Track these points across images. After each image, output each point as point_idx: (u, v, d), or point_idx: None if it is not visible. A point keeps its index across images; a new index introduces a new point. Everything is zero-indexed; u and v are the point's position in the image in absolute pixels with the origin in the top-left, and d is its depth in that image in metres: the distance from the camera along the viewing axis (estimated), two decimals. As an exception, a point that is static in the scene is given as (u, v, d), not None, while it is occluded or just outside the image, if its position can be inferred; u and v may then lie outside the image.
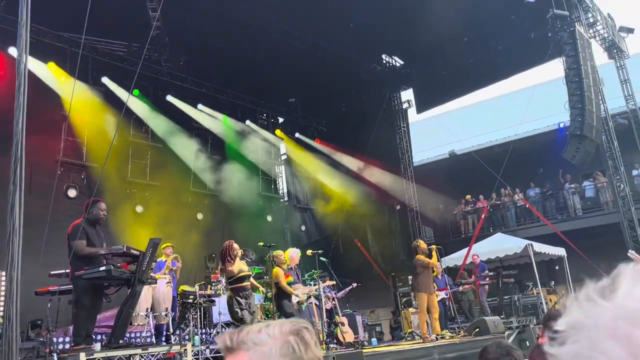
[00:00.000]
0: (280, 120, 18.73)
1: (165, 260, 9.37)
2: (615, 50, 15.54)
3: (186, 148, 14.76)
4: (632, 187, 15.09)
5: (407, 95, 18.48)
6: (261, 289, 8.01)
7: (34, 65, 10.94)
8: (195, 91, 15.06)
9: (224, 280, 8.39)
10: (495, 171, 15.26)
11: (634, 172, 15.67)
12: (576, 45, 12.86)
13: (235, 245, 7.19)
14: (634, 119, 15.14)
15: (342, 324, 9.95)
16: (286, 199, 18.80)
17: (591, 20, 14.68)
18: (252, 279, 7.29)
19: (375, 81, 17.40)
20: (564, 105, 13.25)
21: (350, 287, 11.74)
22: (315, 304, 9.77)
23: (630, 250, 6.44)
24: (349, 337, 9.87)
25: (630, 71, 15.45)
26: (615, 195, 14.28)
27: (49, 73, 11.72)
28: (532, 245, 12.90)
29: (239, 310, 6.84)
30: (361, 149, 16.62)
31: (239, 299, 6.82)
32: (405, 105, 18.24)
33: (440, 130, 18.23)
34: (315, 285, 9.37)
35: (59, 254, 8.16)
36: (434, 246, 9.43)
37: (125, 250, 6.01)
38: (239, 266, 7.01)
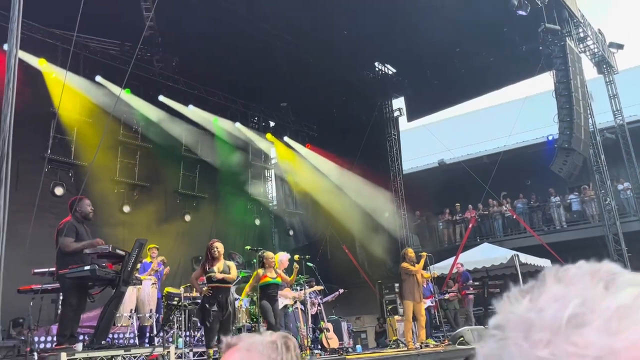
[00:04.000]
0: (272, 124, 18.72)
1: (151, 262, 9.31)
2: (604, 66, 15.75)
3: (175, 149, 14.70)
4: (618, 201, 15.27)
5: (399, 103, 18.58)
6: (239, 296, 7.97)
7: (24, 61, 10.83)
8: (186, 92, 15.01)
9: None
10: (483, 181, 15.37)
11: (620, 187, 15.85)
12: (566, 59, 13.03)
13: (215, 245, 7.15)
14: (621, 134, 15.33)
15: (327, 330, 9.95)
16: (275, 203, 18.77)
17: (582, 35, 14.88)
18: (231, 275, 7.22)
19: (367, 88, 17.47)
20: (553, 118, 13.40)
21: (337, 293, 11.74)
22: (301, 309, 9.75)
23: None
24: (334, 343, 9.86)
25: (619, 86, 15.66)
26: (601, 209, 14.43)
27: (40, 69, 11.62)
28: (518, 256, 12.98)
29: (200, 316, 6.90)
30: (351, 155, 16.66)
31: (207, 302, 6.79)
32: (396, 113, 18.32)
33: (430, 139, 18.34)
34: (301, 290, 9.36)
35: (43, 251, 8.09)
36: (424, 253, 9.45)
37: (110, 250, 5.96)
38: (218, 267, 6.99)
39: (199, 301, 8.88)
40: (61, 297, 6.03)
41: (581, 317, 0.40)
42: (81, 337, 7.59)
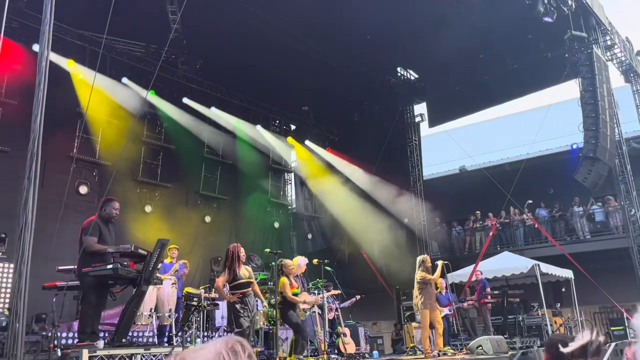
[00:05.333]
0: (293, 127, 18.80)
1: (171, 262, 9.41)
2: (632, 74, 15.47)
3: (198, 151, 14.87)
4: (643, 213, 14.93)
5: (420, 108, 18.49)
6: (261, 298, 7.94)
7: (54, 62, 11.08)
8: (209, 95, 15.17)
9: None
10: (505, 189, 15.18)
11: (646, 198, 15.50)
12: (593, 67, 12.82)
13: (242, 250, 7.11)
14: (648, 144, 15.03)
15: (344, 335, 9.93)
16: (294, 206, 18.82)
17: (609, 43, 14.64)
18: (255, 286, 7.21)
19: (388, 93, 17.44)
20: (578, 126, 13.19)
21: (354, 299, 11.72)
22: (318, 313, 9.75)
23: None
24: (351, 348, 9.83)
25: (647, 95, 15.35)
26: (625, 220, 14.14)
27: (68, 70, 11.87)
28: (539, 265, 12.78)
29: (235, 318, 6.82)
30: (372, 160, 16.63)
31: (237, 306, 6.75)
32: (417, 119, 18.24)
33: (452, 145, 18.19)
34: (319, 294, 9.36)
35: (67, 249, 8.25)
36: (440, 262, 9.36)
37: (133, 249, 6.04)
38: (242, 272, 6.94)
39: (218, 302, 8.95)
40: (81, 295, 6.11)
41: None
42: (102, 335, 7.72)
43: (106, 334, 7.70)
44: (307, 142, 18.03)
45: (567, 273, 13.67)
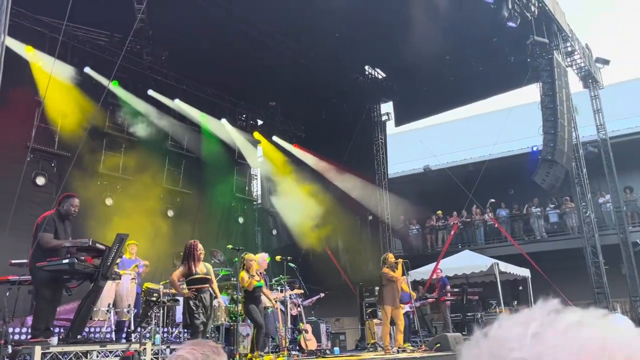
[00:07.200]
0: (259, 122, 18.68)
1: (129, 258, 9.25)
2: (590, 80, 15.98)
3: (161, 143, 14.60)
4: (598, 214, 15.51)
5: (387, 107, 18.66)
6: (219, 295, 7.89)
7: (11, 48, 10.68)
8: (175, 87, 14.91)
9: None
10: (467, 189, 15.50)
11: (600, 200, 16.09)
12: (553, 72, 13.21)
13: (200, 246, 7.13)
14: (604, 148, 15.57)
15: (306, 331, 9.96)
16: (259, 201, 18.73)
17: (569, 49, 15.09)
18: (213, 284, 7.19)
19: (356, 91, 17.53)
20: (538, 129, 13.57)
21: (318, 296, 11.76)
22: (281, 310, 9.76)
23: None
24: (312, 344, 9.88)
25: (603, 101, 15.91)
26: (580, 221, 14.63)
27: (26, 57, 11.46)
28: (498, 264, 13.12)
29: (188, 316, 6.82)
30: (338, 157, 16.71)
31: (190, 302, 6.73)
32: (384, 118, 18.40)
33: (417, 145, 18.45)
34: (282, 291, 9.36)
35: (22, 241, 7.98)
36: (400, 260, 9.52)
37: (90, 244, 5.90)
38: (200, 268, 6.96)
39: (178, 298, 8.85)
40: (34, 290, 5.93)
41: (541, 333, 0.54)
42: (57, 330, 7.52)
43: (61, 330, 7.51)
44: (274, 137, 17.95)
45: (525, 272, 14.08)
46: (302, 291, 10.41)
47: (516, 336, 0.55)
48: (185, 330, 8.87)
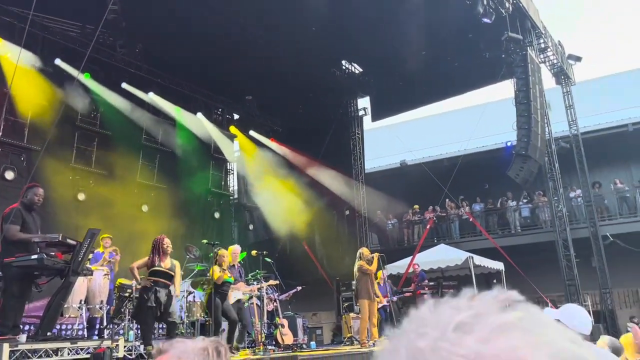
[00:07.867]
0: (236, 117, 18.53)
1: (103, 252, 9.08)
2: (562, 77, 16.27)
3: (135, 137, 14.37)
4: (569, 208, 15.82)
5: (364, 102, 18.72)
6: (177, 292, 7.82)
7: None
8: (149, 80, 14.68)
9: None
10: (443, 184, 15.65)
11: (572, 194, 16.42)
12: (527, 68, 13.40)
13: (167, 240, 7.07)
14: (575, 144, 15.87)
15: (282, 326, 9.94)
16: (236, 196, 18.60)
17: (542, 45, 15.32)
18: (176, 278, 7.18)
19: (333, 86, 17.50)
20: (512, 125, 13.76)
21: (294, 290, 11.75)
22: (257, 305, 9.71)
23: (629, 323, 6.62)
24: (288, 339, 9.86)
25: (575, 97, 16.21)
26: (552, 215, 14.91)
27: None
28: (472, 258, 13.29)
29: (135, 307, 6.82)
30: (315, 152, 16.69)
31: (144, 295, 6.69)
32: (361, 113, 18.45)
33: (393, 140, 18.55)
34: (257, 284, 9.33)
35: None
36: (376, 254, 9.56)
37: (60, 239, 5.77)
38: (166, 263, 6.96)
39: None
40: (2, 286, 5.78)
41: (469, 325, 0.45)
42: (26, 328, 7.35)
43: (31, 327, 7.35)
44: (251, 132, 17.83)
45: (499, 265, 14.29)
46: (276, 282, 10.38)
47: (441, 321, 0.47)
48: (161, 327, 8.76)
